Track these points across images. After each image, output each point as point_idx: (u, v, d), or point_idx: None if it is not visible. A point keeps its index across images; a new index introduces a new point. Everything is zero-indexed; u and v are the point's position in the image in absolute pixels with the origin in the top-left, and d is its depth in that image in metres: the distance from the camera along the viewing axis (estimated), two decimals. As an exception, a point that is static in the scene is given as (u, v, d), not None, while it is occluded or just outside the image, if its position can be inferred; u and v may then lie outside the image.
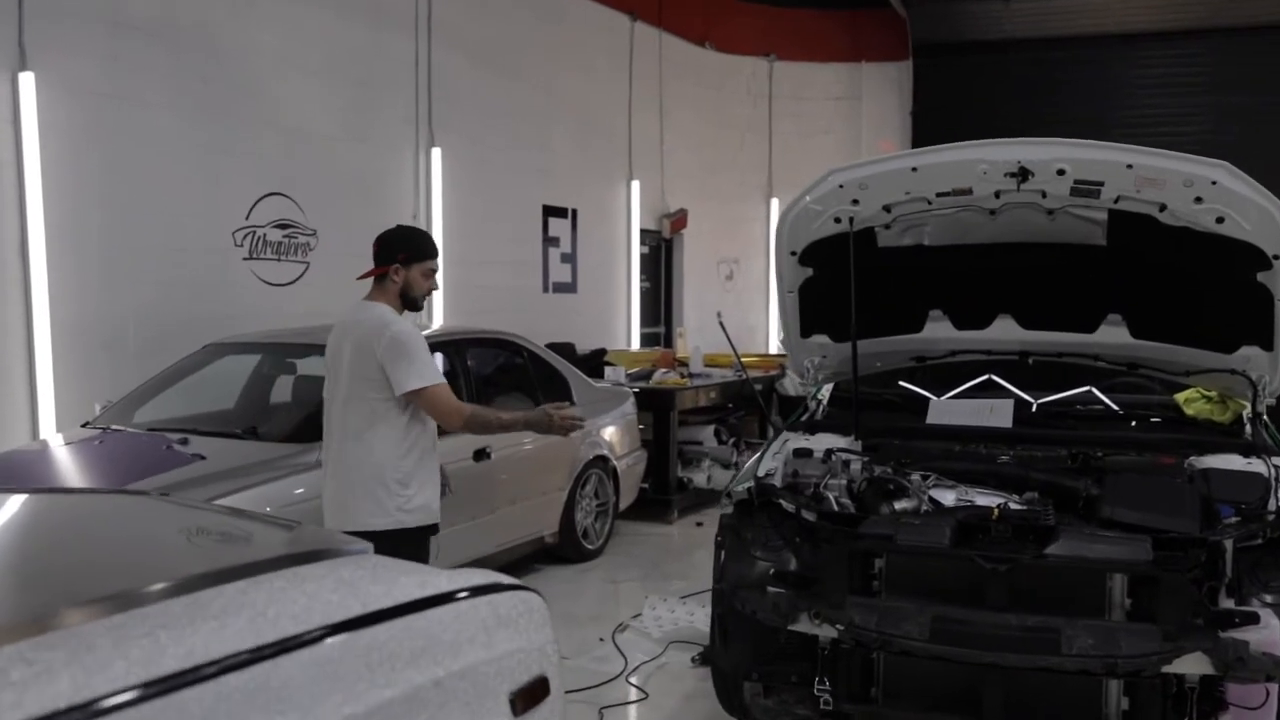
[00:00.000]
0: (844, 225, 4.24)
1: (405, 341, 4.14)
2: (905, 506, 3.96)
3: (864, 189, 4.12)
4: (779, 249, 4.51)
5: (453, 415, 4.24)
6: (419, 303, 4.40)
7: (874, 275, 4.40)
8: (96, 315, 7.19)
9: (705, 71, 14.24)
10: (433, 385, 4.18)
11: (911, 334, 4.76)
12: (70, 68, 6.99)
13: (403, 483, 4.23)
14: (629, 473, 8.33)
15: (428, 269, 4.35)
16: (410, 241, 4.40)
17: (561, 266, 11.85)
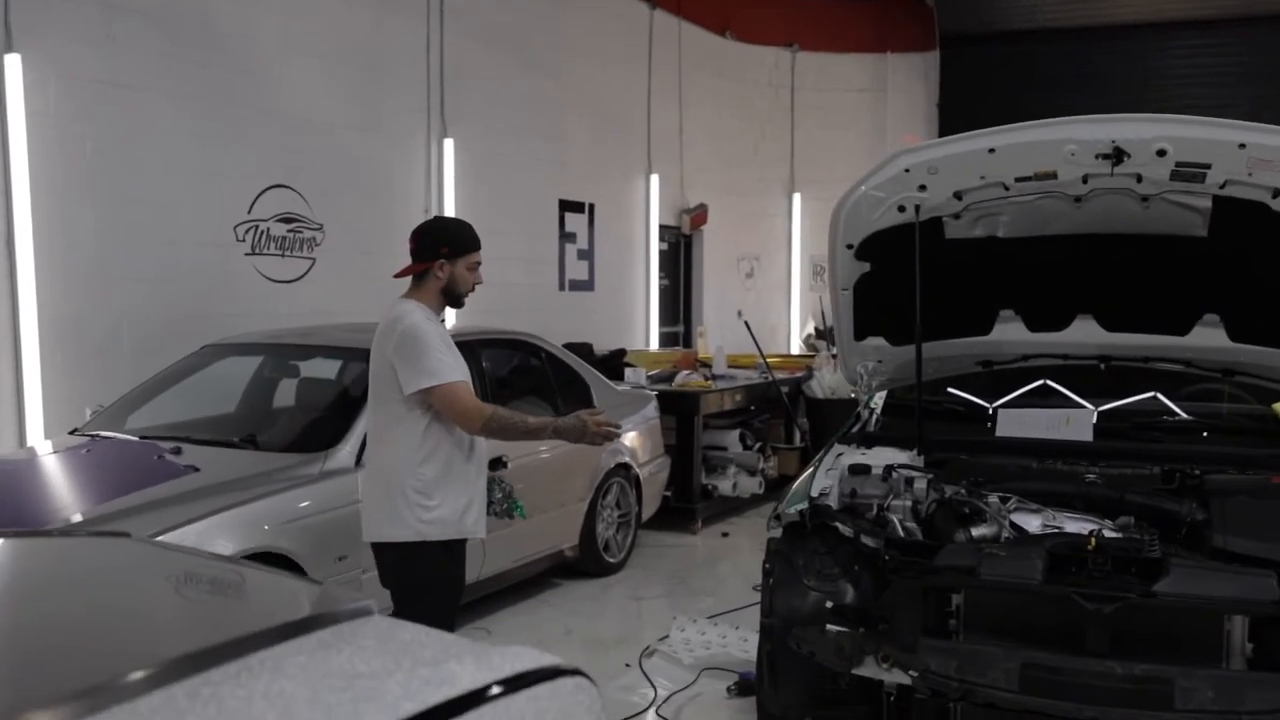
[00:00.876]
0: (909, 215, 3.77)
1: (416, 336, 3.79)
2: (984, 533, 3.50)
3: (933, 173, 3.66)
4: (833, 242, 4.04)
5: (469, 416, 3.82)
6: (463, 299, 4.10)
7: (939, 271, 3.93)
8: (88, 314, 6.76)
9: (726, 62, 13.77)
10: (444, 383, 3.78)
11: (978, 336, 4.29)
12: (60, 50, 6.55)
13: (422, 492, 3.83)
14: (652, 481, 7.88)
15: (473, 262, 4.06)
16: (453, 234, 4.06)
17: (578, 264, 11.40)
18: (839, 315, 4.29)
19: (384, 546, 3.92)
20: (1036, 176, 3.54)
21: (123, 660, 1.40)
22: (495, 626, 6.24)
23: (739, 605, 6.42)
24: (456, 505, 3.88)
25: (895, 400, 4.57)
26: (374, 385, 4.01)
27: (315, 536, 5.01)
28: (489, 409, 3.88)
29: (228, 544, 4.63)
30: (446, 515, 3.85)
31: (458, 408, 3.80)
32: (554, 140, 10.84)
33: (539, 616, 6.47)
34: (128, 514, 4.71)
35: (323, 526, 5.04)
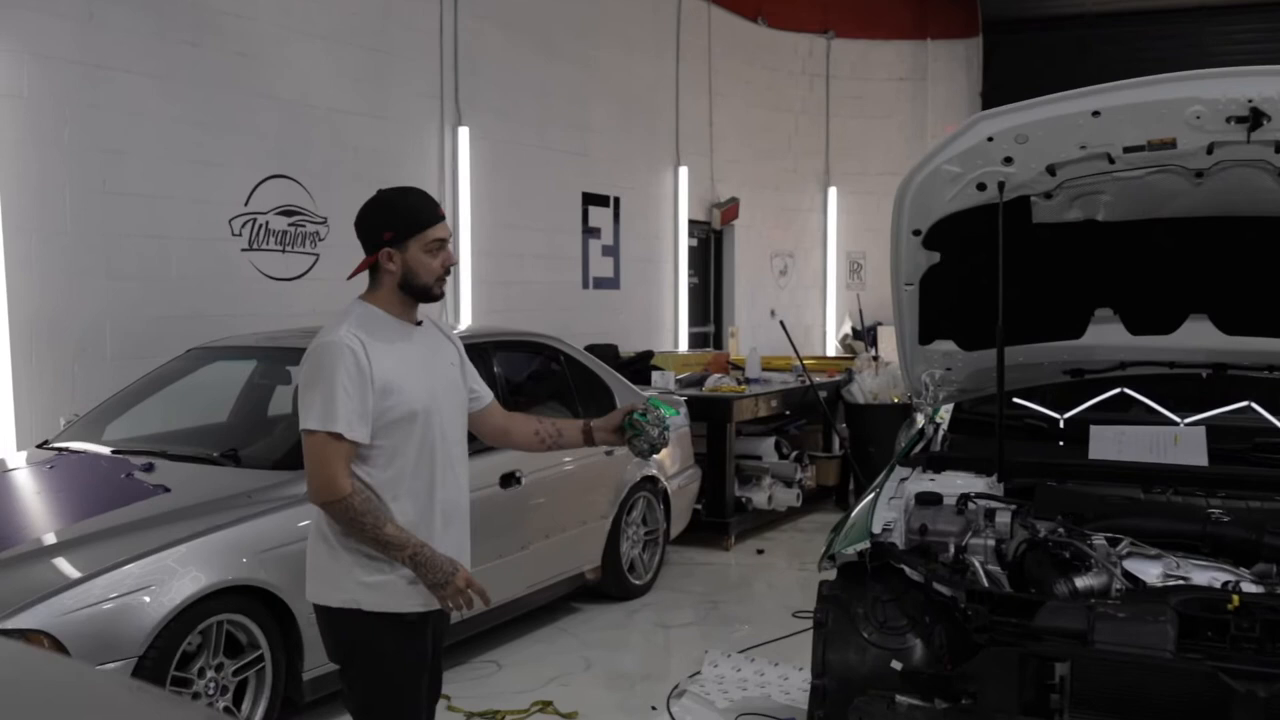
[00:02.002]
0: (990, 193, 3.13)
1: (318, 359, 2.90)
2: (1090, 584, 2.85)
3: (1022, 143, 3.01)
4: (896, 227, 3.40)
5: (319, 486, 2.87)
6: (433, 290, 3.04)
7: (1023, 262, 3.29)
8: (66, 314, 6.21)
9: (758, 49, 13.13)
10: (315, 430, 2.85)
11: (1069, 340, 3.64)
12: (34, 27, 6.01)
13: (360, 549, 2.93)
14: (681, 494, 7.25)
15: (430, 241, 2.99)
16: (397, 213, 3.00)
17: (603, 260, 10.79)
18: (901, 315, 3.65)
19: (319, 609, 3.07)
20: (1150, 146, 2.90)
21: None
22: (507, 659, 5.63)
23: (778, 635, 5.80)
24: (404, 570, 2.94)
25: (964, 415, 3.93)
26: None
27: (300, 566, 4.39)
28: (348, 488, 2.85)
29: (200, 576, 4.07)
30: (393, 581, 2.94)
31: (311, 468, 2.87)
32: (577, 130, 10.24)
33: (556, 647, 5.86)
34: (86, 541, 4.16)
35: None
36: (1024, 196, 3.19)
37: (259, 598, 4.31)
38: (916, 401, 3.91)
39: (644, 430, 3.19)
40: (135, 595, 3.89)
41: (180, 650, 4.01)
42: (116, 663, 3.79)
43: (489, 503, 5.40)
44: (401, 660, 3.01)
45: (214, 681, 4.17)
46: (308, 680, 4.53)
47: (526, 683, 5.30)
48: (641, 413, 3.21)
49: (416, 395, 2.96)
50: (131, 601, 3.88)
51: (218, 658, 4.19)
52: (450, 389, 3.14)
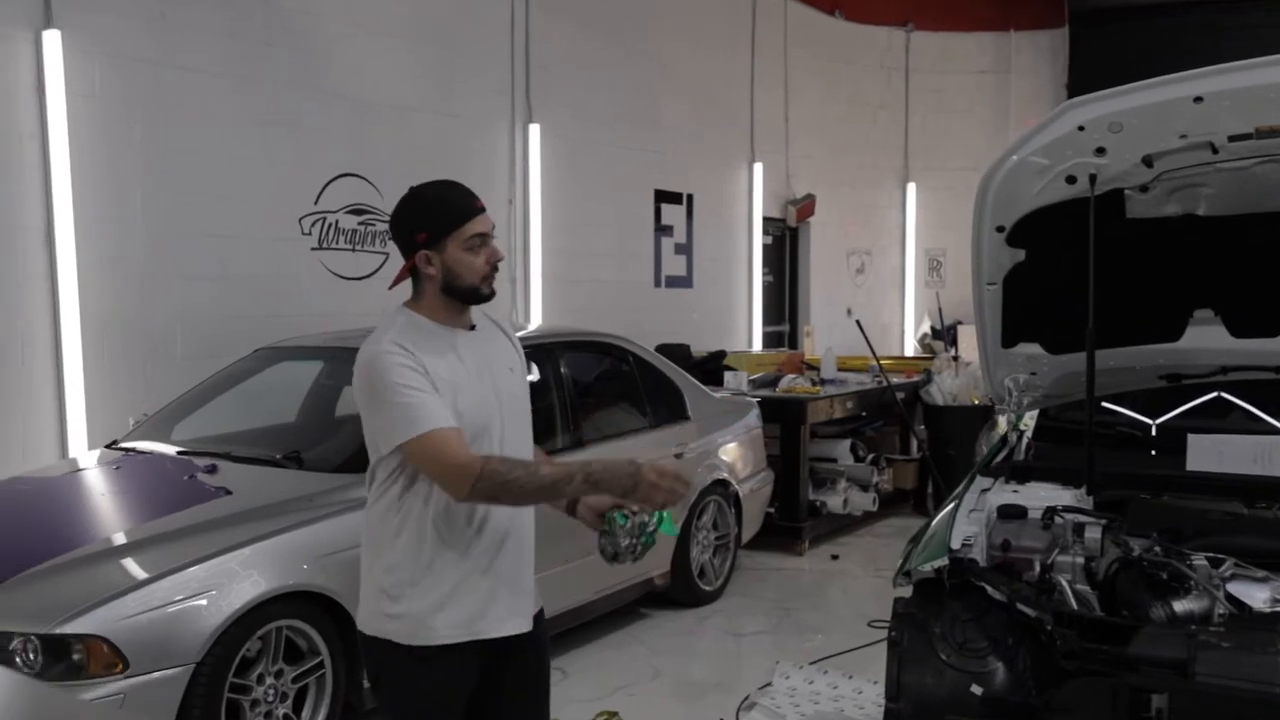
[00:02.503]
0: (1081, 186, 2.92)
1: (374, 371, 2.62)
2: (1190, 609, 2.64)
3: (1116, 132, 2.80)
4: (977, 223, 3.20)
5: (453, 475, 2.56)
6: (481, 290, 2.73)
7: (1116, 259, 3.08)
8: (138, 314, 6.23)
9: (835, 43, 12.87)
10: (419, 434, 2.56)
11: (1165, 343, 3.41)
12: (105, 26, 6.03)
13: (387, 573, 2.71)
14: (753, 498, 7.07)
15: (469, 237, 2.68)
16: (429, 210, 2.72)
17: (675, 258, 10.63)
18: (982, 317, 3.44)
19: (359, 634, 2.87)
20: (1258, 133, 2.68)
21: None
22: (573, 666, 5.51)
23: (852, 646, 5.61)
24: (428, 599, 2.68)
25: (1050, 421, 3.71)
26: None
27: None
28: (476, 467, 2.55)
29: (260, 581, 4.00)
30: (412, 611, 2.68)
31: (434, 466, 2.60)
32: (649, 127, 10.09)
33: (624, 654, 5.73)
34: (145, 545, 4.12)
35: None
36: (1117, 190, 2.98)
37: (319, 603, 4.23)
38: (999, 407, 3.71)
39: (614, 533, 2.76)
40: (193, 600, 3.84)
41: (239, 657, 3.95)
42: (174, 669, 3.74)
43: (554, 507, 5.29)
44: (428, 696, 2.74)
45: (273, 688, 4.11)
46: (369, 688, 4.45)
47: (593, 691, 5.18)
48: (625, 514, 2.76)
49: (473, 413, 2.68)
50: (189, 607, 3.82)
51: (277, 664, 4.13)
52: (511, 398, 2.84)
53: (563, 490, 2.61)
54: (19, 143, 5.68)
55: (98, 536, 4.16)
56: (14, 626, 3.64)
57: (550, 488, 2.60)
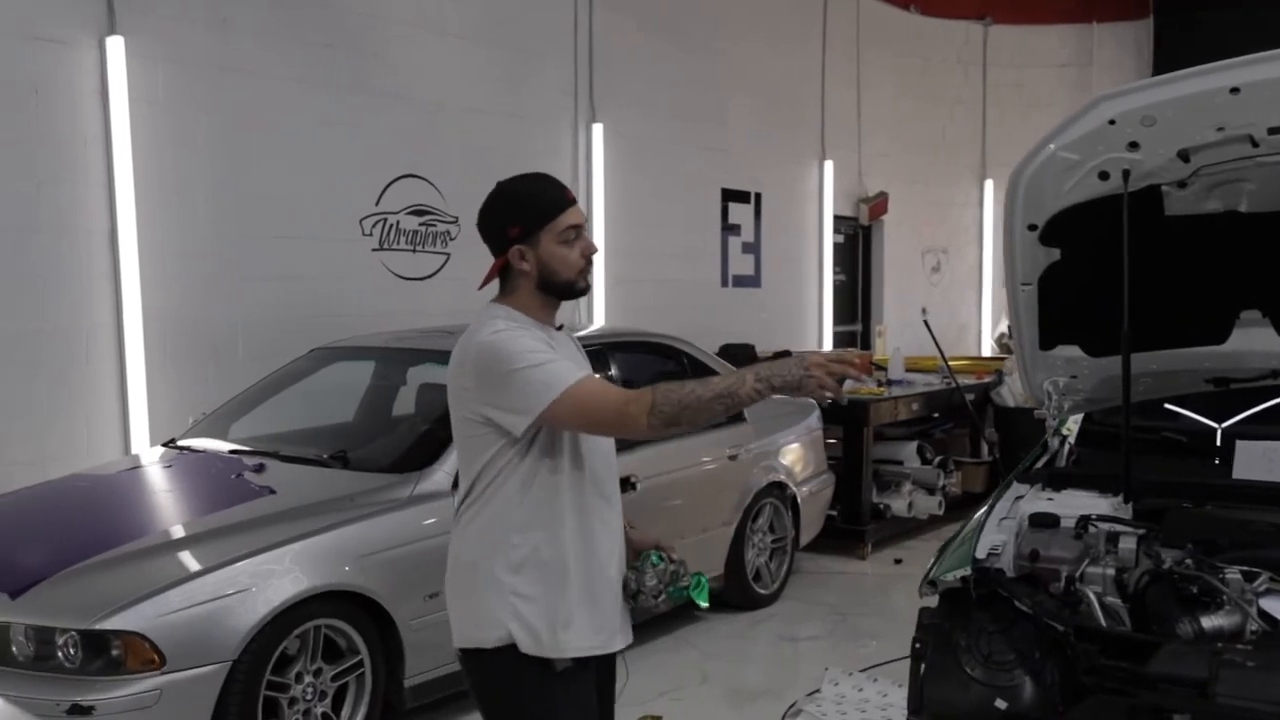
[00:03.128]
0: (1115, 183, 2.80)
1: (498, 349, 2.48)
2: (1219, 625, 2.51)
3: (1149, 126, 2.68)
4: (1009, 222, 3.10)
5: (625, 413, 2.41)
6: (577, 284, 2.63)
7: (1155, 258, 2.95)
8: (200, 314, 6.33)
9: (909, 38, 12.66)
10: (566, 389, 2.42)
11: (1210, 346, 3.26)
12: (167, 32, 6.13)
13: (518, 570, 2.54)
14: (812, 501, 6.97)
15: (563, 230, 2.59)
16: (520, 202, 2.63)
17: (743, 258, 10.54)
18: (1019, 318, 3.33)
19: (470, 654, 2.63)
20: (1302, 125, 2.55)
21: None
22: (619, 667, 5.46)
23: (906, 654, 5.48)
24: (551, 606, 2.53)
25: (1095, 426, 3.58)
26: (458, 439, 2.66)
27: (401, 572, 4.35)
28: (646, 392, 2.41)
29: (300, 579, 4.04)
30: (538, 614, 2.52)
31: (603, 411, 2.45)
32: (716, 125, 10.01)
33: (675, 658, 5.68)
34: (186, 543, 4.19)
35: (411, 560, 4.38)
36: (1154, 186, 2.86)
37: (359, 603, 4.26)
38: (1039, 412, 3.59)
39: (644, 572, 2.70)
40: (231, 598, 3.88)
41: (276, 655, 3.99)
42: (210, 666, 3.79)
43: (602, 508, 5.27)
44: (556, 713, 2.57)
45: (312, 686, 4.14)
46: (409, 687, 4.47)
47: (639, 694, 5.11)
48: (661, 557, 2.72)
49: (570, 365, 2.55)
50: (227, 605, 3.86)
51: (316, 663, 4.16)
52: None
53: (738, 393, 2.41)
54: (83, 147, 5.80)
55: (141, 533, 4.22)
56: (57, 622, 3.71)
57: (727, 394, 2.40)
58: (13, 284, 5.58)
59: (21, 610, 3.77)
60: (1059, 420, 3.62)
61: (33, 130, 5.61)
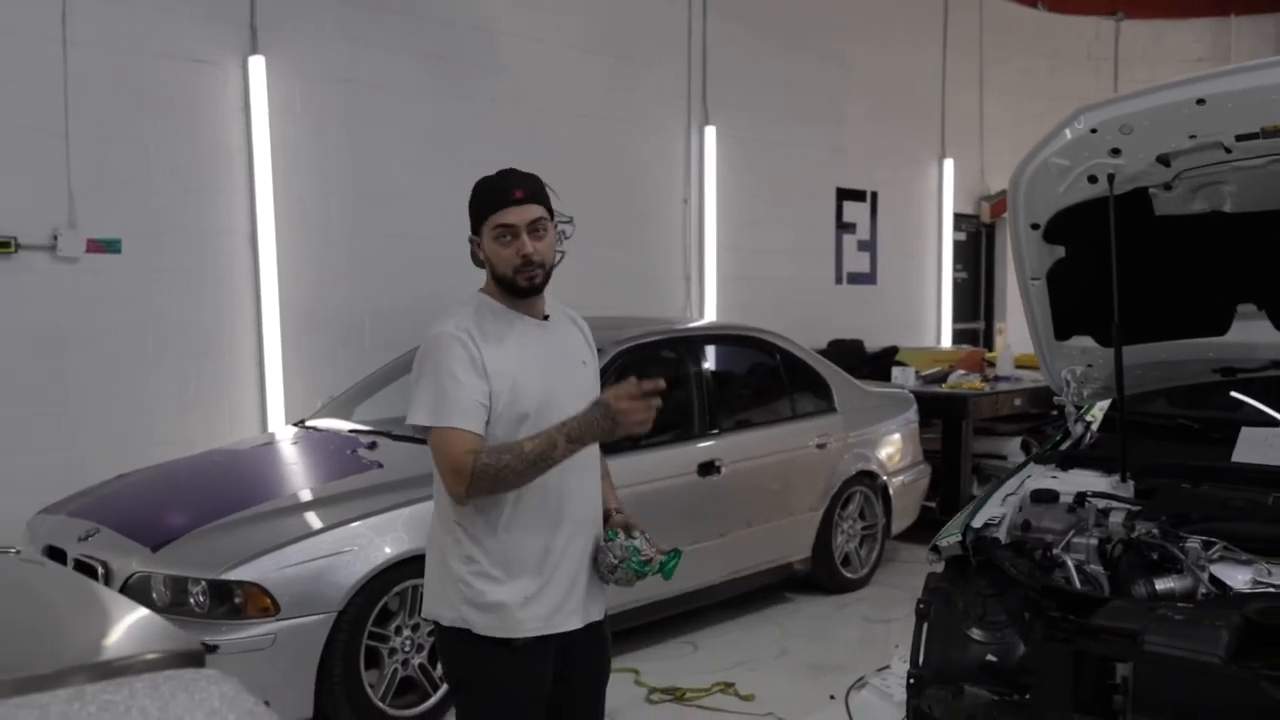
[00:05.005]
0: (1103, 186, 3.05)
1: (426, 351, 2.73)
2: (1171, 587, 2.76)
3: (1127, 134, 2.93)
4: (1013, 221, 3.38)
5: (450, 475, 2.64)
6: (515, 281, 2.74)
7: (1152, 255, 3.18)
8: (330, 308, 6.93)
9: (1036, 35, 12.64)
10: (441, 425, 2.64)
11: (1212, 336, 3.46)
12: (303, 51, 6.74)
13: (469, 560, 2.72)
14: (905, 491, 7.20)
15: (494, 228, 2.74)
16: (473, 198, 2.82)
17: (858, 255, 10.76)
18: (1031, 311, 3.57)
19: (435, 625, 2.85)
20: (1265, 133, 2.75)
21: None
22: (705, 641, 5.85)
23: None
24: (518, 588, 2.70)
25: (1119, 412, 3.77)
26: None
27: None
28: (469, 461, 2.59)
29: (402, 539, 4.51)
30: (503, 600, 2.70)
31: (440, 465, 2.68)
32: (831, 126, 10.26)
33: (756, 634, 6.01)
34: (303, 507, 4.73)
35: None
36: (1141, 188, 3.09)
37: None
38: (1058, 399, 3.82)
39: (611, 546, 2.82)
40: (338, 557, 4.38)
41: (378, 609, 4.48)
42: (319, 615, 4.30)
43: (686, 490, 5.65)
44: (510, 691, 2.76)
45: (409, 640, 4.62)
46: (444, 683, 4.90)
47: (716, 664, 5.49)
48: (614, 531, 2.84)
49: (529, 396, 2.71)
50: (334, 562, 4.37)
51: (414, 618, 4.63)
52: (577, 390, 2.81)
53: (551, 456, 2.60)
54: (228, 157, 6.44)
55: (265, 499, 4.78)
56: (189, 572, 4.28)
57: (541, 459, 2.59)
58: (165, 281, 6.25)
59: (160, 562, 4.35)
60: (1084, 407, 3.85)
61: (184, 143, 6.28)
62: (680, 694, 5.09)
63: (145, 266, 6.14)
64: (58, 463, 5.68)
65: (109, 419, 6.04)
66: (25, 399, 5.77)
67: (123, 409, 6.09)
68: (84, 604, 1.75)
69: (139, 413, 6.15)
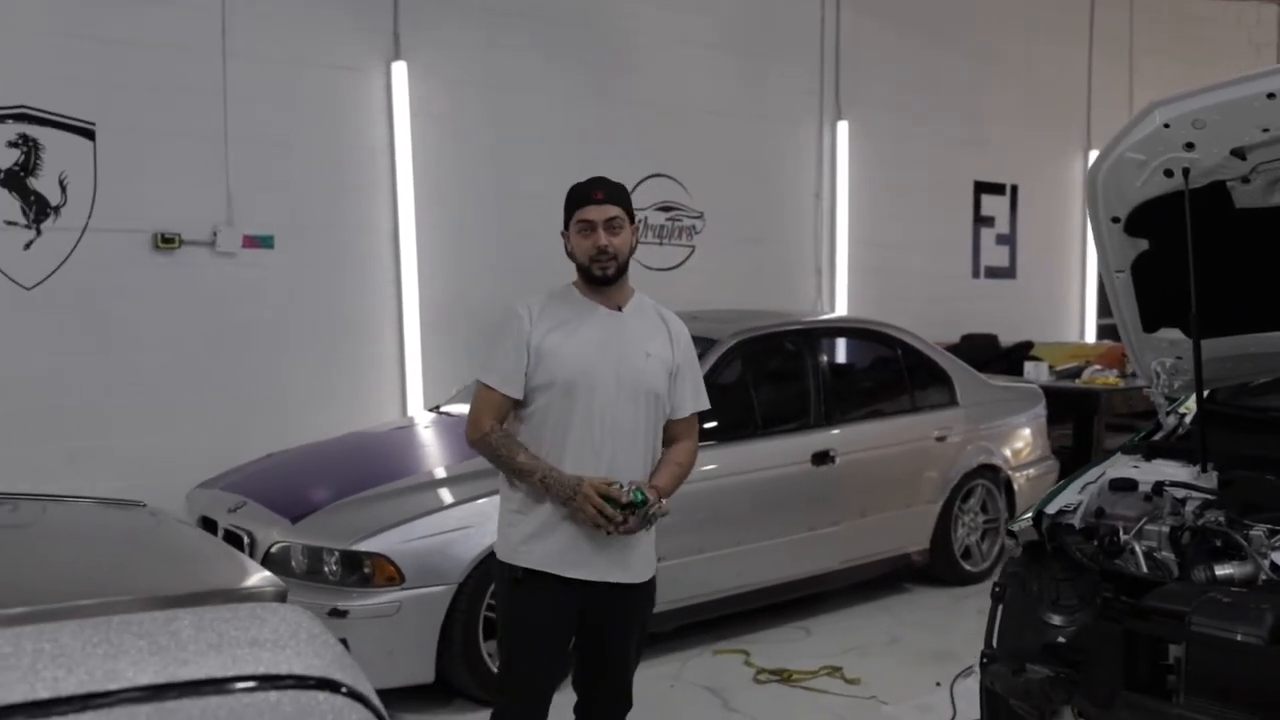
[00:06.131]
0: (1178, 180, 3.10)
1: (503, 319, 3.29)
2: (1230, 572, 2.80)
3: (1200, 128, 2.97)
4: (1094, 215, 3.42)
5: (472, 424, 3.26)
6: (591, 270, 3.18)
7: (1236, 247, 3.21)
8: (466, 299, 7.28)
9: (1189, 21, 12.24)
10: (481, 379, 3.27)
11: (1300, 329, 3.46)
12: (443, 56, 7.11)
13: (508, 499, 3.30)
14: (1030, 485, 7.14)
15: (578, 223, 3.18)
16: (567, 199, 3.27)
17: (996, 249, 10.66)
18: (1118, 303, 3.61)
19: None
20: (1337, 126, 2.77)
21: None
22: (818, 627, 5.98)
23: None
24: (528, 523, 3.20)
25: (1215, 406, 3.78)
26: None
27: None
28: (487, 427, 3.19)
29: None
30: (517, 531, 3.23)
31: (471, 409, 3.29)
32: (968, 119, 10.20)
33: (870, 621, 6.10)
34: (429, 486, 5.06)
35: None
36: (1219, 181, 3.12)
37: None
38: (1148, 390, 3.84)
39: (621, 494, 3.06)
40: (460, 533, 4.68)
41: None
42: (441, 587, 4.60)
43: (799, 479, 5.79)
44: (511, 614, 3.27)
45: (525, 612, 4.90)
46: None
47: (827, 649, 5.61)
48: (638, 490, 3.06)
49: (566, 367, 3.13)
50: (455, 537, 4.67)
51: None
52: (626, 374, 3.18)
53: (524, 478, 3.15)
54: (371, 158, 6.85)
55: (396, 477, 5.12)
56: (325, 543, 4.64)
57: (521, 473, 3.15)
58: (313, 275, 6.69)
59: (299, 533, 4.73)
60: (1179, 399, 3.86)
61: (331, 145, 6.71)
62: (787, 675, 5.24)
63: (295, 261, 6.59)
64: (214, 442, 6.16)
65: (261, 403, 6.52)
66: (188, 383, 6.29)
67: (273, 394, 6.56)
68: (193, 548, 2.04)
69: (287, 397, 6.62)
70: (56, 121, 5.81)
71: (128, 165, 6.03)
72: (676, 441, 3.36)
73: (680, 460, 3.34)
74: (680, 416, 3.35)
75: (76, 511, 2.31)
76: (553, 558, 3.16)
